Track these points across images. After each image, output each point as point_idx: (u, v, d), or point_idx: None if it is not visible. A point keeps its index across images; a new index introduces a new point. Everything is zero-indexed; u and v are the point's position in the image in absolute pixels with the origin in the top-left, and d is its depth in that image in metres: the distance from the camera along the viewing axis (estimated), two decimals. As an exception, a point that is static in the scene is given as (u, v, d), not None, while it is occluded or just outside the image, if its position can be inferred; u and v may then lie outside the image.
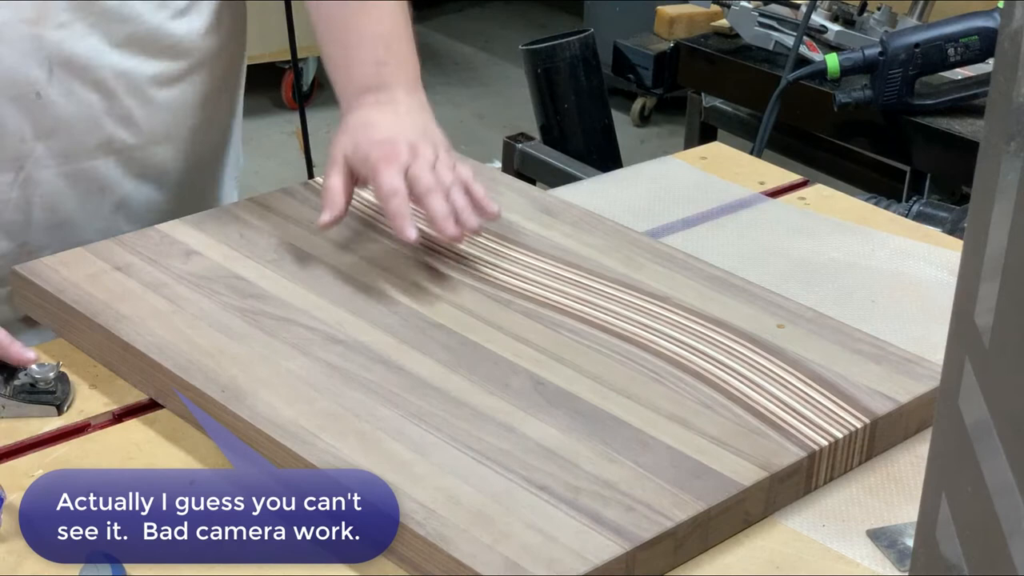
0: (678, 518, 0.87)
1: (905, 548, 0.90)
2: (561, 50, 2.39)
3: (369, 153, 1.16)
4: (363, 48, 1.23)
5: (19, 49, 1.16)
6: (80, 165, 1.24)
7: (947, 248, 1.32)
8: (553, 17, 5.01)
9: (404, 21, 1.26)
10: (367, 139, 1.17)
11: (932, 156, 2.08)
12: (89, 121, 1.23)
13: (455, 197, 1.14)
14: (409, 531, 0.86)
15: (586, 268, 1.18)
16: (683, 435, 0.96)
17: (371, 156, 1.15)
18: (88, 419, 1.02)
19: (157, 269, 1.15)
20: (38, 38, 1.17)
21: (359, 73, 1.22)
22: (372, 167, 1.15)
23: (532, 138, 2.32)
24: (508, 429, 0.96)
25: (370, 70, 1.22)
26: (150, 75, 1.24)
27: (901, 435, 1.02)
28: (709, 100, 2.49)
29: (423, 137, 1.18)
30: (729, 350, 1.06)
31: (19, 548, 0.87)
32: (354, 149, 1.17)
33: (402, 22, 1.25)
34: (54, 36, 1.17)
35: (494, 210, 1.16)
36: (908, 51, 2.01)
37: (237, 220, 1.24)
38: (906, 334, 1.13)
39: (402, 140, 1.17)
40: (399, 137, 1.17)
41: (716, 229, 1.35)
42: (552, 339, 1.07)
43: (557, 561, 0.83)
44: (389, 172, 1.14)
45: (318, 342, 1.06)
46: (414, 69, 1.25)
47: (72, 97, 1.21)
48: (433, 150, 1.17)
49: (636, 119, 4.27)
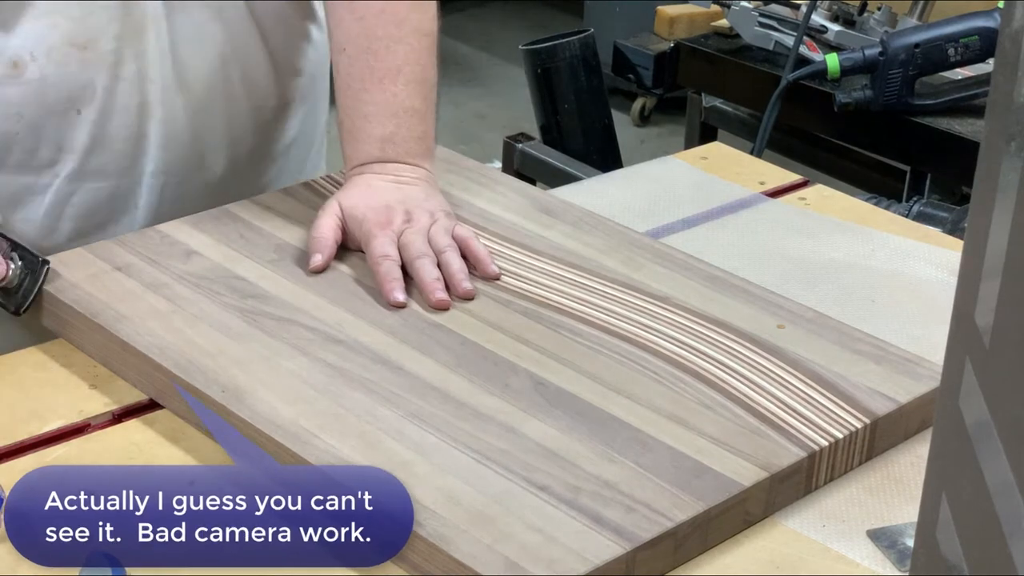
0: (678, 518, 0.87)
1: (905, 548, 0.90)
2: (561, 50, 2.39)
3: (365, 216, 1.17)
4: (373, 121, 1.22)
5: (66, 71, 1.19)
6: (117, 182, 1.26)
7: (947, 248, 1.32)
8: (553, 17, 5.01)
9: (423, 94, 1.24)
10: (365, 202, 1.18)
11: (932, 156, 2.08)
12: (129, 142, 1.24)
13: (449, 260, 1.14)
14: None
15: (586, 268, 1.18)
16: (683, 435, 0.96)
17: (366, 220, 1.17)
18: (88, 419, 1.01)
19: (157, 269, 1.15)
20: (85, 62, 1.19)
21: (364, 148, 1.23)
22: (366, 232, 1.16)
23: (532, 138, 2.32)
24: (508, 429, 0.96)
25: (375, 146, 1.22)
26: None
27: (901, 435, 1.02)
28: (709, 100, 2.49)
29: (421, 204, 1.19)
30: (729, 350, 1.06)
31: (19, 548, 0.87)
32: (351, 207, 1.18)
33: (419, 95, 1.23)
34: (101, 61, 1.20)
35: (494, 271, 1.15)
36: (908, 51, 2.01)
37: (237, 220, 1.24)
38: (906, 334, 1.13)
39: (398, 206, 1.18)
40: (396, 203, 1.18)
41: (716, 229, 1.35)
42: (552, 339, 1.07)
43: (557, 561, 0.83)
44: (381, 237, 1.15)
45: (318, 342, 1.06)
46: (422, 143, 1.24)
47: (111, 119, 1.22)
48: (430, 216, 1.18)
49: (636, 119, 4.27)
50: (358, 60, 1.23)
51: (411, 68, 1.23)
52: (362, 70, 1.23)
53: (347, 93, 1.24)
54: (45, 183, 1.24)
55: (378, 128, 1.22)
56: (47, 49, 1.18)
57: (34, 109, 1.20)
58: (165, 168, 1.27)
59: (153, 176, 1.27)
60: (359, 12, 1.23)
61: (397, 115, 1.22)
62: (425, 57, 1.24)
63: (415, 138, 1.23)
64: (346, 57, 1.23)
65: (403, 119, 1.23)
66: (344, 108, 1.24)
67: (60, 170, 1.24)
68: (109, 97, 1.22)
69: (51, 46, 1.18)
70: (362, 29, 1.23)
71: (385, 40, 1.22)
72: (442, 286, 1.11)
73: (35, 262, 1.11)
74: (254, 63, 1.30)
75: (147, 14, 1.21)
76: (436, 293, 1.11)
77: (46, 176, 1.24)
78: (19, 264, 1.10)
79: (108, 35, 1.20)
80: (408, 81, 1.22)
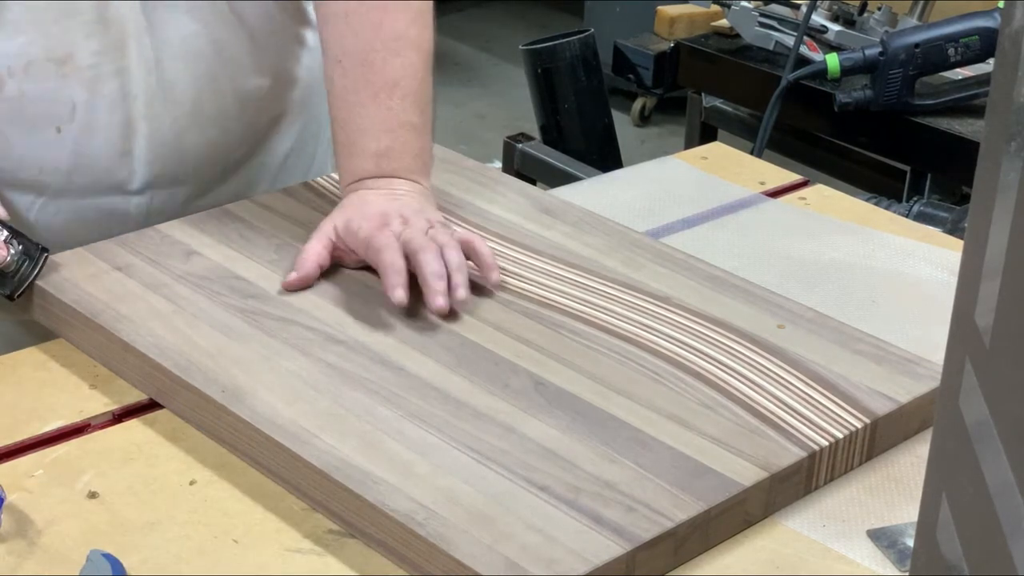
0: (678, 518, 0.87)
1: (905, 548, 0.90)
2: (561, 50, 2.39)
3: (361, 226, 1.14)
4: (367, 136, 1.20)
5: (44, 87, 1.17)
6: (103, 199, 1.24)
7: (947, 248, 1.32)
8: (553, 17, 5.01)
9: (419, 108, 1.21)
10: (359, 214, 1.16)
11: (932, 156, 2.08)
12: (113, 159, 1.22)
13: (450, 256, 1.11)
14: (409, 531, 0.86)
15: (586, 268, 1.18)
16: (683, 435, 0.96)
17: (363, 228, 1.14)
18: (88, 419, 1.02)
19: (157, 269, 1.15)
20: (64, 77, 1.17)
21: (359, 163, 1.20)
22: (364, 237, 1.13)
23: (532, 138, 2.32)
24: (508, 429, 0.96)
25: (370, 161, 1.20)
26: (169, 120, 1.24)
27: (901, 435, 1.02)
28: (709, 100, 2.49)
29: (417, 213, 1.16)
30: (729, 350, 1.06)
31: (19, 548, 0.87)
32: (345, 224, 1.16)
33: (416, 110, 1.21)
34: (80, 77, 1.18)
35: (495, 278, 1.13)
36: (908, 51, 2.01)
37: (237, 220, 1.24)
38: (906, 334, 1.13)
39: (394, 213, 1.15)
40: (392, 211, 1.16)
41: (716, 229, 1.35)
42: (552, 339, 1.07)
43: (557, 561, 0.83)
44: (381, 235, 1.12)
45: (318, 342, 1.06)
46: (418, 158, 1.22)
47: (93, 136, 1.20)
48: (427, 222, 1.15)
49: (636, 119, 4.27)
50: (354, 72, 1.20)
51: (408, 82, 1.20)
52: (358, 83, 1.20)
53: (342, 106, 1.21)
54: (29, 201, 1.22)
55: (373, 143, 1.20)
56: (25, 64, 1.16)
57: (13, 127, 1.18)
58: (153, 184, 1.25)
59: (140, 193, 1.25)
60: (355, 25, 1.20)
61: (393, 130, 1.20)
62: (422, 72, 1.22)
63: (412, 154, 1.21)
64: (341, 69, 1.21)
65: (399, 134, 1.20)
66: (339, 121, 1.22)
67: (44, 188, 1.22)
68: (90, 114, 1.19)
69: (29, 61, 1.16)
70: (359, 41, 1.20)
71: (383, 53, 1.20)
72: (444, 287, 1.08)
73: (34, 249, 1.12)
74: (246, 75, 1.27)
75: (127, 28, 1.18)
76: (437, 299, 1.07)
77: (29, 194, 1.22)
78: (18, 249, 1.11)
79: (86, 50, 1.17)
80: (405, 95, 1.20)
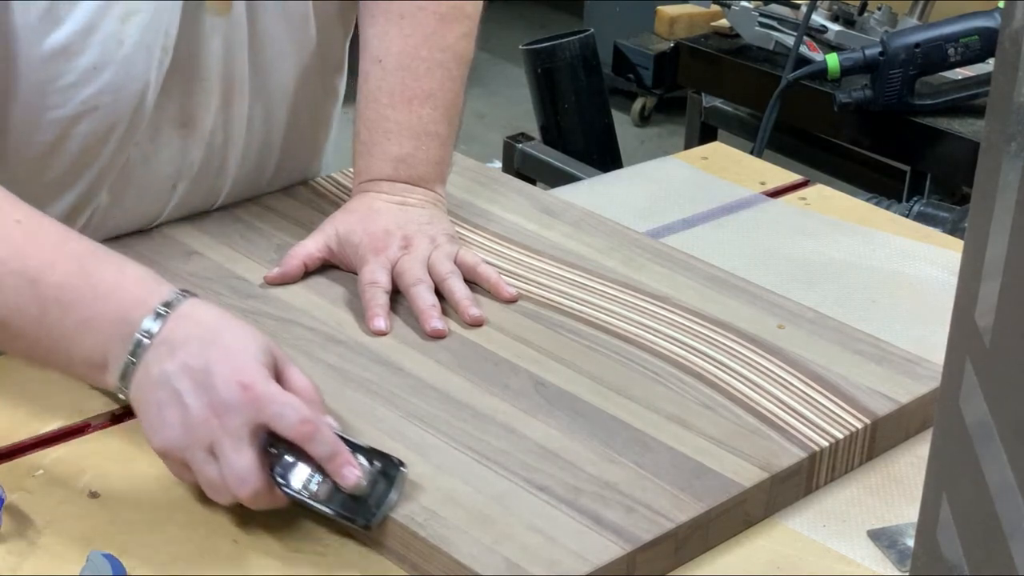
0: (679, 519, 0.87)
1: (906, 548, 0.90)
2: (561, 50, 2.39)
3: (361, 241, 1.14)
4: (392, 139, 1.19)
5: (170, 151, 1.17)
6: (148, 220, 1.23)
7: (948, 248, 1.32)
8: (553, 17, 5.01)
9: (448, 119, 1.21)
10: (363, 227, 1.15)
11: (932, 156, 2.08)
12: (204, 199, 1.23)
13: (452, 287, 1.11)
14: (409, 532, 0.86)
15: (586, 268, 1.18)
16: (683, 436, 0.96)
17: (362, 245, 1.14)
18: (88, 419, 1.01)
19: (158, 269, 1.15)
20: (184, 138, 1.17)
21: (377, 164, 1.20)
22: (360, 257, 1.13)
23: (532, 138, 2.32)
24: (508, 430, 0.96)
25: (388, 164, 1.19)
26: None
27: (902, 435, 1.02)
28: (709, 100, 2.49)
29: (422, 229, 1.16)
30: (729, 351, 1.06)
31: (19, 548, 0.87)
32: (348, 232, 1.16)
33: (445, 120, 1.21)
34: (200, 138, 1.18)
35: (510, 293, 1.13)
36: (908, 51, 2.01)
37: (238, 220, 1.24)
38: (907, 334, 1.13)
39: (396, 231, 1.15)
40: (395, 228, 1.15)
41: (716, 229, 1.35)
42: (552, 339, 1.07)
43: (557, 562, 0.83)
44: (373, 263, 1.12)
45: (318, 343, 1.06)
46: (438, 168, 1.21)
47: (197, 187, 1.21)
48: (430, 242, 1.15)
49: (636, 119, 4.27)
50: (392, 75, 1.19)
51: (444, 95, 1.20)
52: (394, 86, 1.19)
53: (372, 106, 1.20)
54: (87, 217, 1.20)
55: (396, 147, 1.19)
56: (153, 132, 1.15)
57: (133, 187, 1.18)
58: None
59: None
60: (408, 29, 1.20)
61: (419, 137, 1.19)
62: (459, 84, 1.22)
63: (432, 162, 1.20)
64: (380, 68, 1.20)
65: (423, 141, 1.20)
66: (365, 120, 1.21)
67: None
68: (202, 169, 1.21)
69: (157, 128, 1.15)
70: (406, 46, 1.20)
71: (427, 63, 1.19)
72: (438, 313, 1.08)
73: (389, 464, 0.89)
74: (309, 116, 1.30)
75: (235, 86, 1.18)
76: (431, 321, 1.07)
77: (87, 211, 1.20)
78: (370, 469, 0.89)
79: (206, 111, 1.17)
80: (437, 106, 1.20)
